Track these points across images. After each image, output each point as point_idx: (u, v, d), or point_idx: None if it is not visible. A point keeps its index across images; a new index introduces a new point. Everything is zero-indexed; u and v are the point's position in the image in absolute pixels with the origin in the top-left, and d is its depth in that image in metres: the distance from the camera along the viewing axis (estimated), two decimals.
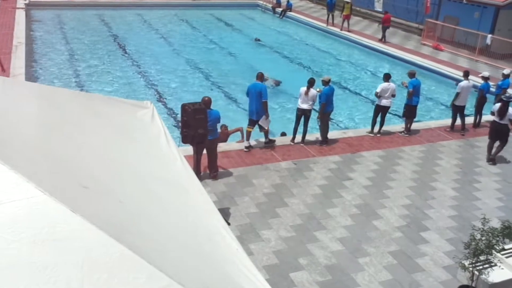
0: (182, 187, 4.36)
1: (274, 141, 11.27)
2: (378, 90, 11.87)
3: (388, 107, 12.06)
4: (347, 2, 24.26)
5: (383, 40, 22.86)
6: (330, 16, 25.64)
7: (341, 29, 24.69)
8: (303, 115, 11.05)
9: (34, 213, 2.80)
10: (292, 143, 11.21)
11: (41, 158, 3.50)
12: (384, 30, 22.89)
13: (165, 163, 4.63)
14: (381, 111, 12.01)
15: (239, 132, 11.79)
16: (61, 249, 2.69)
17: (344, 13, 24.44)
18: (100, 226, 2.75)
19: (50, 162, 3.50)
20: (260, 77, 10.61)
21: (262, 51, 21.62)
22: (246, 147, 10.78)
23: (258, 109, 10.43)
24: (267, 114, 10.51)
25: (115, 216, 3.18)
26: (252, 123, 10.69)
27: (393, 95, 11.91)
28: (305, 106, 10.95)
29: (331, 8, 25.46)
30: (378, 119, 12.13)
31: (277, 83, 9.94)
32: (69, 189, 3.20)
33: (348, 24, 24.77)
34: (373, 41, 22.95)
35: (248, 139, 10.83)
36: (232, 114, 13.42)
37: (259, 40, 22.83)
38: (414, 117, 12.51)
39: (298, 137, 11.39)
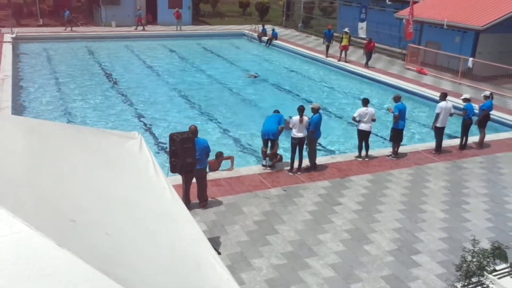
0: (171, 217, 4.34)
1: (274, 166, 11.44)
2: (355, 114, 11.97)
3: (369, 132, 12.08)
4: (346, 33, 24.09)
5: (366, 65, 23.31)
6: (327, 47, 25.25)
7: (339, 60, 24.33)
8: (298, 144, 11.11)
9: (19, 248, 2.77)
10: (291, 174, 11.16)
11: (28, 192, 3.48)
12: (368, 56, 23.42)
13: (153, 193, 4.61)
14: (361, 135, 12.12)
15: (228, 161, 11.79)
16: (47, 284, 2.65)
17: (342, 44, 24.10)
18: (87, 260, 2.72)
19: (37, 196, 3.47)
20: (277, 111, 11.57)
21: (250, 78, 21.83)
22: (264, 166, 11.40)
23: (275, 131, 11.03)
24: (277, 137, 11.21)
25: (102, 249, 3.15)
26: (266, 144, 11.19)
27: (373, 120, 12.00)
28: (300, 134, 11.00)
29: (328, 39, 25.16)
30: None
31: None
32: (56, 223, 3.17)
33: (346, 54, 24.36)
34: (359, 67, 23.32)
35: (265, 158, 11.42)
36: (216, 146, 13.44)
37: (256, 76, 21.97)
38: (401, 140, 12.62)
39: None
